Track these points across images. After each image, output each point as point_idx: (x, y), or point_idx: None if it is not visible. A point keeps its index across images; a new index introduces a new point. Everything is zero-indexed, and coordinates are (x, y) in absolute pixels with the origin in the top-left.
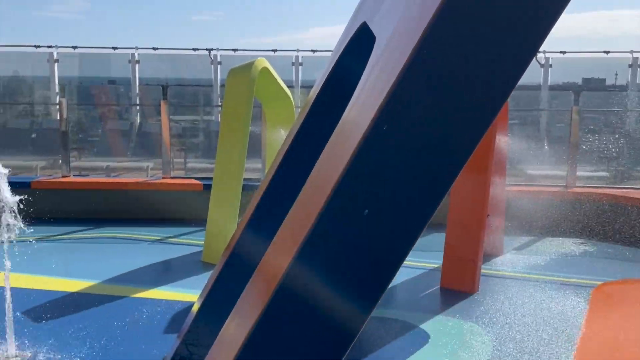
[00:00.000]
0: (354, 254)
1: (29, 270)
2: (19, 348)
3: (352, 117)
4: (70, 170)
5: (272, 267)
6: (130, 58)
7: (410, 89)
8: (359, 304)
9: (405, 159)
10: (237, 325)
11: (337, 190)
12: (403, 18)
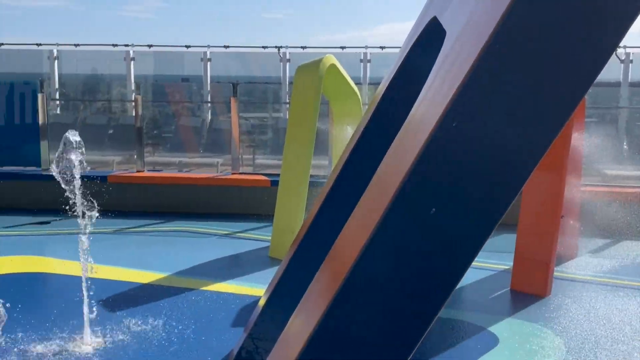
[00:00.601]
0: (420, 252)
1: (105, 261)
2: (94, 336)
3: (421, 113)
4: (144, 165)
5: (338, 264)
6: (203, 56)
7: (482, 84)
8: (427, 303)
9: (476, 156)
10: (303, 321)
11: (404, 188)
12: (474, 11)
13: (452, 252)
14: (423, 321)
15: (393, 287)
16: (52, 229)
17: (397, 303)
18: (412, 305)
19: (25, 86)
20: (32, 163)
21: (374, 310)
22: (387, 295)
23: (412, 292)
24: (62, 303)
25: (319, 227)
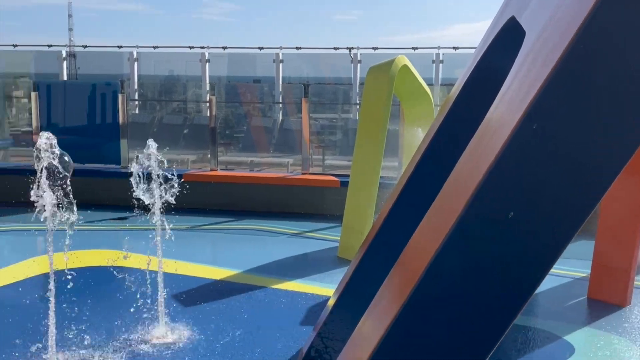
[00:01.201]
0: (497, 257)
1: (179, 257)
2: (168, 330)
3: (498, 115)
4: (217, 164)
5: (410, 267)
6: (275, 58)
7: (565, 85)
8: (502, 310)
9: (557, 159)
10: (374, 322)
11: (481, 191)
12: (557, 11)
13: (530, 258)
14: (498, 328)
15: (467, 293)
16: (129, 224)
17: (471, 309)
18: (487, 311)
19: (106, 87)
20: (112, 161)
21: (447, 315)
22: (461, 300)
23: (488, 298)
24: (138, 296)
25: (390, 229)
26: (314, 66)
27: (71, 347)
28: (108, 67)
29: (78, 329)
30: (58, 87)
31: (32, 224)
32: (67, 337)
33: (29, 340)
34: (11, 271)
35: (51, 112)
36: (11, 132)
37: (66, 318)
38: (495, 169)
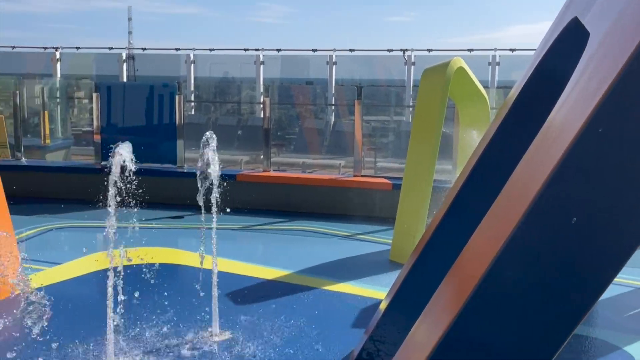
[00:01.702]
0: (558, 264)
1: (232, 256)
2: (221, 328)
3: (561, 119)
4: (270, 165)
5: (467, 272)
6: (328, 60)
7: (633, 87)
8: (562, 319)
9: (624, 164)
10: (429, 328)
11: (543, 195)
12: (625, 11)
13: (593, 265)
14: (557, 337)
15: (526, 300)
16: (185, 223)
17: (530, 317)
18: (547, 320)
19: (163, 88)
20: (168, 160)
21: (505, 322)
22: (520, 307)
23: (547, 306)
24: (192, 294)
25: (444, 233)
26: (367, 68)
27: (127, 342)
28: (165, 69)
29: (133, 324)
30: (118, 88)
31: (92, 220)
32: (124, 332)
33: (90, 330)
34: (72, 266)
35: (111, 113)
36: (73, 131)
37: (122, 313)
38: (558, 173)
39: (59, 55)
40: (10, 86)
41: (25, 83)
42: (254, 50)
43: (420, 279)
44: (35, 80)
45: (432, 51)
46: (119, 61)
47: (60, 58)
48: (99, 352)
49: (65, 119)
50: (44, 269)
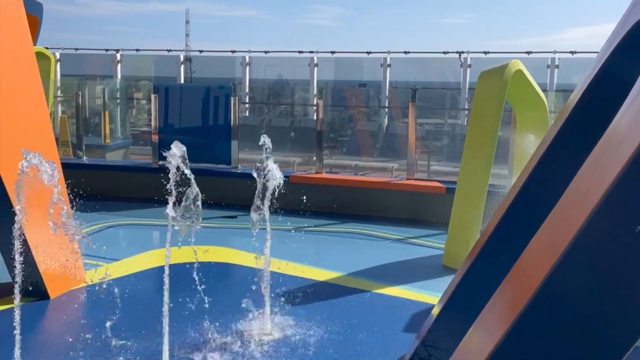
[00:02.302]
0: (620, 273)
1: (285, 257)
2: (273, 327)
3: (627, 123)
4: (322, 167)
5: (524, 280)
6: (382, 62)
7: None
8: (623, 329)
9: None
10: (484, 335)
11: (605, 203)
12: None
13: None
14: (618, 348)
15: (585, 310)
16: (238, 223)
17: (589, 327)
18: (606, 330)
19: (219, 90)
20: (222, 161)
21: (563, 332)
22: (578, 317)
23: (607, 316)
24: (246, 293)
25: (501, 239)
26: (421, 70)
27: (181, 337)
28: (221, 71)
29: (187, 320)
30: (175, 89)
31: (149, 218)
32: (178, 327)
33: (146, 324)
34: (130, 263)
35: (168, 114)
36: (131, 131)
37: (177, 310)
38: (622, 179)
39: (120, 57)
40: (74, 87)
41: (87, 84)
42: (308, 53)
43: (474, 285)
44: (96, 81)
45: (488, 53)
46: (176, 63)
47: (120, 60)
48: (153, 345)
49: (124, 119)
50: (103, 265)
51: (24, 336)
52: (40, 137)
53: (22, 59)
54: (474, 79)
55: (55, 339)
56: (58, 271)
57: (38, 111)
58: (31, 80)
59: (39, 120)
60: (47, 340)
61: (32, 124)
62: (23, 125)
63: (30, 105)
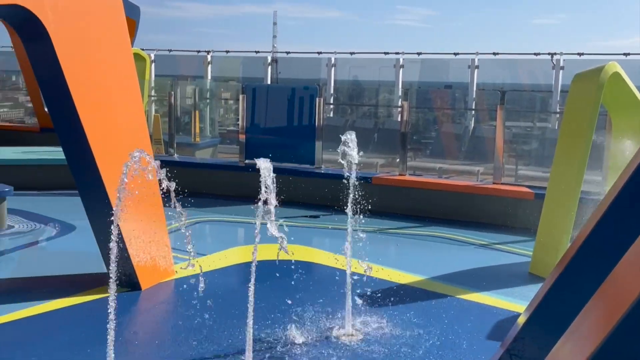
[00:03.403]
0: None
1: (366, 258)
2: (353, 327)
3: None
4: (406, 169)
5: (621, 289)
6: (470, 63)
7: None
8: None
9: None
10: (575, 347)
11: None
12: None
13: None
14: None
15: None
16: (320, 222)
17: None
18: None
19: (304, 91)
20: (306, 161)
21: None
22: None
23: None
24: (327, 292)
25: (594, 247)
26: (510, 72)
27: (264, 335)
28: (306, 72)
29: (270, 318)
30: (261, 90)
31: (235, 215)
32: (260, 325)
33: (231, 318)
34: (217, 258)
35: (254, 113)
36: (219, 130)
37: (261, 306)
38: None
39: (210, 58)
40: (167, 87)
41: (179, 84)
42: (394, 54)
43: (564, 295)
44: (187, 81)
45: (582, 55)
46: (264, 64)
47: (211, 61)
48: (237, 340)
49: (213, 119)
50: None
51: (118, 323)
52: (136, 135)
53: (122, 60)
54: (567, 82)
55: (145, 327)
56: (149, 264)
57: (135, 110)
58: (129, 80)
59: (135, 119)
60: (139, 328)
61: (129, 122)
62: (121, 123)
63: (128, 104)
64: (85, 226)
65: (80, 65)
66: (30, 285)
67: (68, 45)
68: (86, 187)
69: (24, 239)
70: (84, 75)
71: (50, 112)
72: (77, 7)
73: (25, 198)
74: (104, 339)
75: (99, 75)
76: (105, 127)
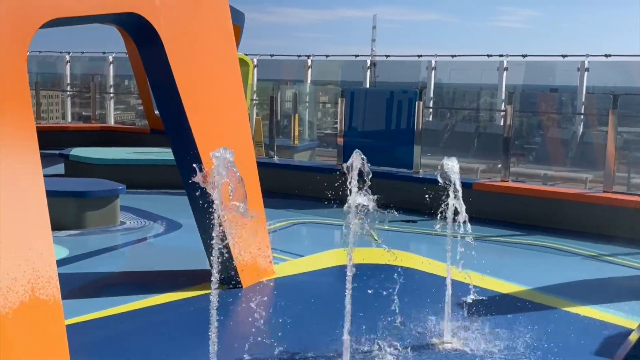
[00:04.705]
0: None
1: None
2: (452, 336)
3: None
4: (509, 175)
5: None
6: (580, 66)
7: None
8: None
9: None
10: None
11: None
12: None
13: None
14: None
15: None
16: (418, 228)
17: None
18: None
19: (402, 94)
20: (404, 165)
21: None
22: None
23: None
24: (426, 299)
25: None
26: (623, 75)
27: (360, 338)
28: (403, 75)
29: (367, 322)
30: (360, 93)
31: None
32: (357, 328)
33: (328, 321)
34: (315, 259)
35: (353, 117)
36: (317, 133)
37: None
38: None
39: (310, 62)
40: (268, 91)
41: (280, 88)
42: (497, 57)
43: None
44: (287, 85)
45: None
46: (363, 68)
47: (311, 65)
48: (334, 343)
49: (312, 122)
50: (289, 260)
51: (221, 318)
52: (240, 137)
53: (228, 65)
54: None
55: (247, 323)
56: (250, 263)
57: (239, 113)
58: (235, 84)
59: (240, 122)
60: (240, 324)
61: (234, 125)
62: (227, 125)
63: (233, 107)
64: (190, 224)
65: (190, 70)
66: (138, 280)
67: (179, 51)
68: (193, 187)
69: (134, 235)
70: (193, 80)
71: (161, 114)
72: (187, 14)
73: (136, 196)
74: (207, 334)
75: (207, 79)
76: (211, 129)
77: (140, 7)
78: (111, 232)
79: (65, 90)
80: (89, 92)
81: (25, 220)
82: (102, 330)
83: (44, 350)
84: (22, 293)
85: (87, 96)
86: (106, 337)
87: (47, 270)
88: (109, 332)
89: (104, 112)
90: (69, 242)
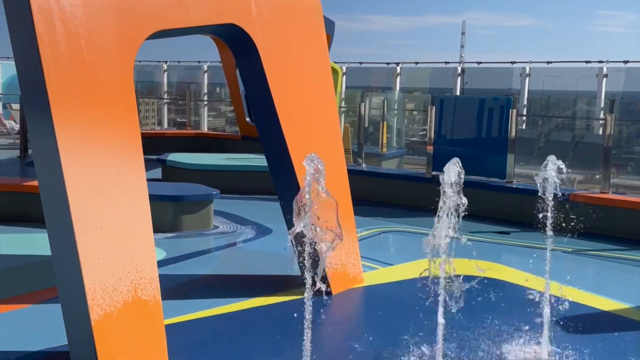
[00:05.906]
0: None
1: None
2: (550, 354)
3: None
4: (609, 187)
5: None
6: None
7: None
8: None
9: None
10: None
11: None
12: None
13: None
14: None
15: None
16: (511, 239)
17: None
18: None
19: (493, 102)
20: (496, 175)
21: None
22: None
23: None
24: (521, 314)
25: None
26: None
27: (449, 353)
28: (493, 82)
29: (458, 334)
30: (450, 101)
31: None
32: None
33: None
34: (404, 268)
35: (442, 125)
36: (405, 141)
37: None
38: None
39: (400, 69)
40: (356, 98)
41: (368, 95)
42: (596, 62)
43: None
44: (373, 92)
45: None
46: (453, 75)
47: (400, 72)
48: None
49: (400, 130)
50: (378, 268)
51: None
52: (331, 145)
53: (321, 73)
54: None
55: (337, 329)
56: (340, 270)
57: (331, 121)
58: (327, 92)
59: (331, 130)
60: (330, 329)
61: (326, 132)
62: (319, 133)
63: (325, 115)
64: (281, 229)
65: (285, 79)
66: (231, 282)
67: (274, 60)
68: (285, 193)
69: (226, 239)
70: (288, 88)
71: (256, 121)
72: (283, 24)
73: (228, 201)
74: (300, 337)
75: (301, 88)
76: (304, 138)
77: (238, 18)
78: (205, 235)
79: (162, 98)
80: (184, 99)
81: (131, 222)
82: (198, 332)
83: (144, 349)
84: (126, 293)
85: (181, 103)
86: (202, 338)
87: (149, 272)
88: (205, 333)
89: (198, 118)
90: (166, 244)
